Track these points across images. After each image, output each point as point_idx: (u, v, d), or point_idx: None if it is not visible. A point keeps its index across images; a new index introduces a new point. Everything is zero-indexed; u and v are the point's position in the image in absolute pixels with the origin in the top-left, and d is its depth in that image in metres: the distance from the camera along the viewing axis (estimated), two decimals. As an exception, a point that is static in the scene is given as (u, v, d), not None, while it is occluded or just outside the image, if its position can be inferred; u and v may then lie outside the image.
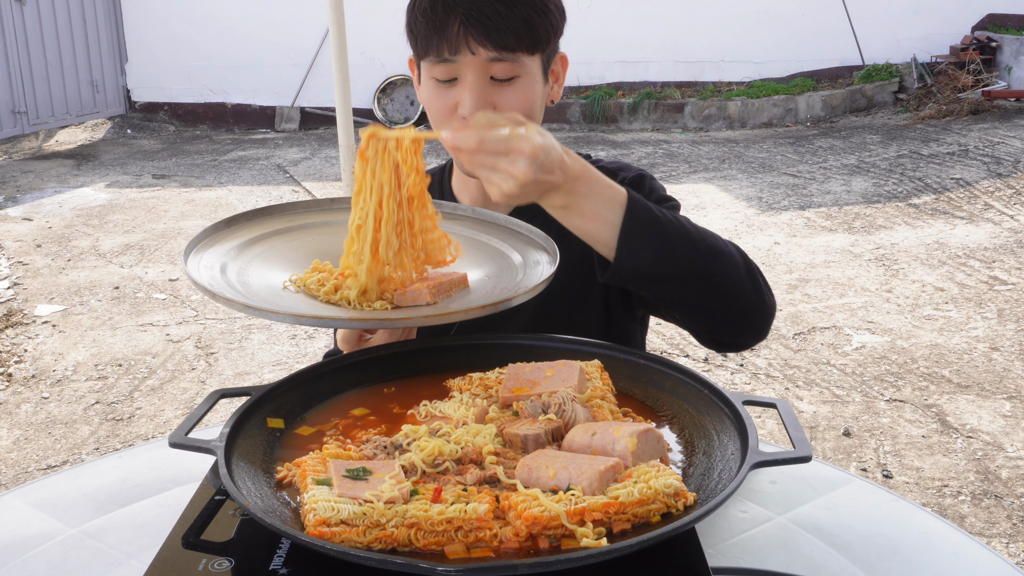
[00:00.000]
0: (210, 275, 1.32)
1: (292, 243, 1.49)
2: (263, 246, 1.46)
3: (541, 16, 1.53)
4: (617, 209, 1.34)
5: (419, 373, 1.44)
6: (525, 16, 1.50)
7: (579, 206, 1.32)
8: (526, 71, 1.55)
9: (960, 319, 5.11)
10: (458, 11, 1.49)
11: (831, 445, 3.88)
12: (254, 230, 1.50)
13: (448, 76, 1.54)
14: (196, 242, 1.40)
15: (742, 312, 1.45)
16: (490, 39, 1.49)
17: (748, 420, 1.17)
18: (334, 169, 9.09)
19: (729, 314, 1.45)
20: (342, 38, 5.22)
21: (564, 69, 1.68)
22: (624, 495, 1.03)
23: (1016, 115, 9.80)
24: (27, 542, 1.29)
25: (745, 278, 1.43)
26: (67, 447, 4.11)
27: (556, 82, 1.67)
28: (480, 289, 1.39)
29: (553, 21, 1.56)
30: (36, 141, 10.63)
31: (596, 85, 11.06)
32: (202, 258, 1.37)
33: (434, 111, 1.59)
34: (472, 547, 1.01)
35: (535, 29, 1.52)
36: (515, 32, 1.50)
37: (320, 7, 6.60)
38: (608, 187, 1.35)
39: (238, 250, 1.43)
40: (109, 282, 6.19)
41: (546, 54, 1.59)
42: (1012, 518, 3.36)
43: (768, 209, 7.33)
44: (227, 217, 1.49)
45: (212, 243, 1.43)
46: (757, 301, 1.45)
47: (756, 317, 1.47)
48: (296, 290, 1.36)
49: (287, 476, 1.15)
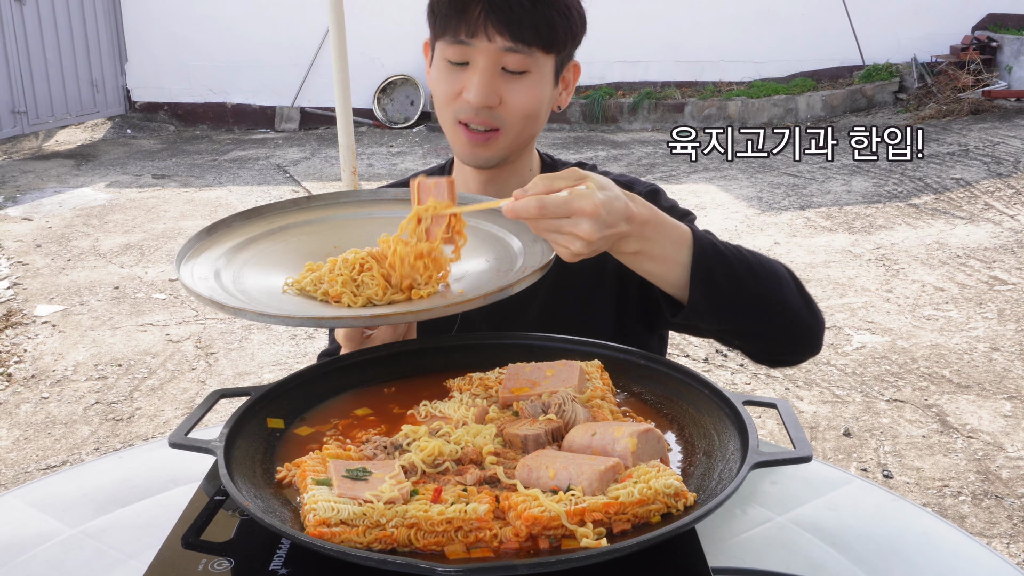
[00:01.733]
0: (207, 285, 1.30)
1: (278, 245, 1.47)
2: (250, 251, 1.44)
3: (563, 18, 1.54)
4: (685, 249, 1.35)
5: (419, 373, 1.44)
6: (547, 14, 1.52)
7: (650, 251, 1.33)
8: (538, 68, 1.55)
9: (960, 319, 5.10)
10: None
11: (831, 445, 3.88)
12: (237, 236, 1.47)
13: (461, 59, 1.54)
14: (184, 252, 1.38)
15: (799, 333, 1.50)
16: (508, 29, 1.50)
17: (748, 420, 1.17)
18: (334, 169, 9.09)
19: (788, 336, 1.49)
20: (342, 38, 5.22)
21: (575, 78, 1.69)
22: (624, 495, 1.03)
23: (1016, 115, 9.80)
24: (27, 542, 1.29)
25: (799, 300, 1.48)
26: (67, 447, 4.11)
27: (565, 89, 1.67)
28: (483, 278, 1.36)
29: (573, 26, 1.57)
30: (36, 141, 10.63)
31: (596, 85, 11.05)
32: (194, 268, 1.35)
33: (440, 93, 1.59)
34: (472, 547, 1.01)
35: (555, 29, 1.53)
36: (535, 27, 1.51)
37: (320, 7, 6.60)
38: (674, 227, 1.36)
39: (227, 257, 1.41)
40: (109, 282, 6.19)
41: (560, 57, 1.59)
42: (1013, 518, 3.36)
43: (768, 209, 7.33)
44: (208, 225, 1.46)
45: (199, 252, 1.40)
46: (811, 321, 1.50)
47: (811, 336, 1.52)
48: (296, 293, 1.34)
49: (287, 476, 1.15)
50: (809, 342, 1.52)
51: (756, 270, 1.41)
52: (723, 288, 1.37)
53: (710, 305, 1.37)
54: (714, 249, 1.38)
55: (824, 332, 1.55)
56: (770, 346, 1.52)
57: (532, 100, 1.56)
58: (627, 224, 1.27)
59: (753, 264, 1.42)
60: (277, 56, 11.19)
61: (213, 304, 1.23)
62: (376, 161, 9.45)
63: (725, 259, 1.38)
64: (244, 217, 1.51)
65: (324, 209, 1.57)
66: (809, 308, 1.50)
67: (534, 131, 1.63)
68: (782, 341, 1.50)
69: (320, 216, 1.55)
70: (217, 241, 1.44)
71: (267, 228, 1.50)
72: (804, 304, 1.49)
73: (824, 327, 1.54)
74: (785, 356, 1.57)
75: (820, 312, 1.53)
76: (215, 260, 1.39)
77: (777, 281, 1.44)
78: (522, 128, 1.59)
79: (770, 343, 1.50)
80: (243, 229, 1.49)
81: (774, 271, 1.45)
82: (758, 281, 1.41)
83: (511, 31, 1.50)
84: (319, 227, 1.53)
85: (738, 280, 1.38)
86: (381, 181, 8.66)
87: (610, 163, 9.01)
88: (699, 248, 1.36)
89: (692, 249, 1.35)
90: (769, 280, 1.42)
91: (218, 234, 1.46)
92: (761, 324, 1.44)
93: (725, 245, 1.41)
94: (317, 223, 1.54)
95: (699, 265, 1.35)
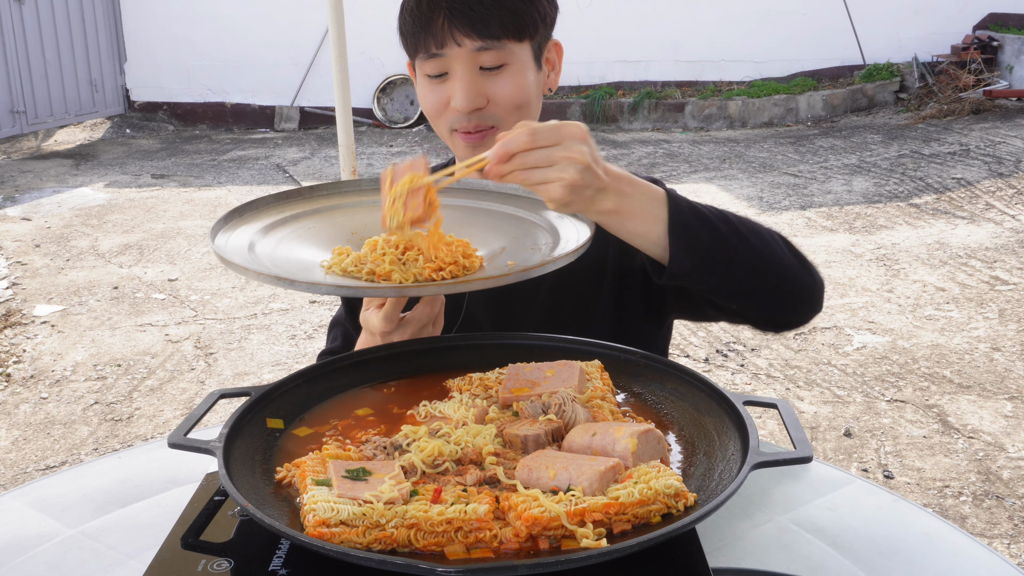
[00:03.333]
0: (243, 258, 1.32)
1: (310, 226, 1.49)
2: (283, 231, 1.47)
3: (526, 3, 1.55)
4: (660, 204, 1.35)
5: (419, 373, 1.44)
6: (509, 4, 1.53)
7: (628, 207, 1.32)
8: (515, 59, 1.56)
9: (961, 319, 5.10)
10: (442, 6, 1.52)
11: (832, 445, 3.88)
12: (267, 216, 1.50)
13: (438, 71, 1.56)
14: (220, 226, 1.41)
15: (796, 290, 1.47)
16: (474, 28, 1.52)
17: (749, 420, 1.16)
18: (334, 168, 9.09)
19: (785, 294, 1.46)
20: (342, 38, 5.22)
21: (560, 56, 1.69)
22: (624, 496, 1.03)
23: (1017, 114, 9.79)
24: (26, 543, 1.29)
25: (792, 259, 1.46)
26: (66, 447, 4.10)
27: (552, 70, 1.68)
28: (513, 255, 1.36)
29: (540, 8, 1.58)
30: (35, 141, 10.63)
31: (596, 85, 11.05)
32: (229, 239, 1.39)
33: (428, 107, 1.61)
34: (472, 548, 1.01)
35: (520, 17, 1.54)
36: (499, 20, 1.52)
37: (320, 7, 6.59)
38: (647, 185, 1.36)
39: (261, 233, 1.44)
40: (108, 282, 6.18)
41: (536, 41, 1.60)
42: (1013, 519, 3.35)
43: (769, 209, 7.33)
44: (233, 208, 1.49)
45: (234, 228, 1.44)
46: (807, 277, 1.48)
47: (809, 293, 1.49)
48: (340, 274, 1.33)
49: (287, 476, 1.15)
50: (808, 300, 1.50)
51: (737, 226, 1.40)
52: (704, 241, 1.35)
53: (693, 260, 1.35)
54: (690, 205, 1.37)
55: (823, 291, 1.52)
56: (768, 306, 1.49)
57: (518, 90, 1.57)
58: (606, 175, 1.29)
59: (733, 220, 1.40)
60: (276, 56, 11.19)
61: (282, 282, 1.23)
62: (376, 161, 9.45)
63: (702, 214, 1.37)
64: (262, 204, 1.52)
65: (328, 199, 1.59)
66: (804, 267, 1.48)
67: (532, 116, 1.63)
68: (778, 299, 1.47)
69: (328, 205, 1.57)
70: (248, 221, 1.47)
71: (279, 217, 1.51)
72: (798, 263, 1.47)
73: (823, 287, 1.51)
74: (786, 316, 1.53)
75: (818, 272, 1.51)
76: (251, 234, 1.42)
77: (764, 239, 1.42)
78: (517, 119, 1.59)
79: (766, 303, 1.47)
80: (259, 217, 1.50)
81: (759, 229, 1.43)
82: (741, 237, 1.39)
83: (477, 30, 1.52)
84: (330, 215, 1.54)
85: (719, 234, 1.37)
86: (381, 181, 8.66)
87: (610, 163, 9.00)
88: (674, 203, 1.35)
89: (668, 204, 1.35)
90: (755, 237, 1.41)
91: (242, 217, 1.48)
92: (752, 281, 1.42)
93: (703, 205, 1.40)
94: (328, 211, 1.55)
95: (676, 219, 1.34)
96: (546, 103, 11.86)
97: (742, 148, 9.43)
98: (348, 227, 1.49)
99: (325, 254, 1.39)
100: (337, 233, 1.47)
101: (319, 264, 1.36)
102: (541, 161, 1.23)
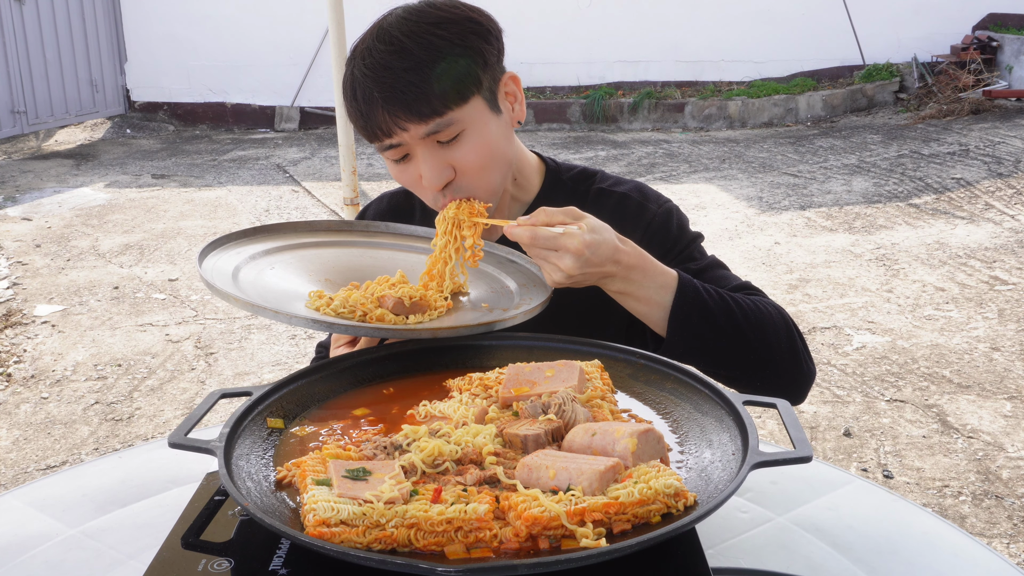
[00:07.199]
0: (224, 283, 1.43)
1: (295, 260, 1.62)
2: (268, 260, 1.59)
3: (460, 62, 1.48)
4: (668, 293, 1.47)
5: (419, 373, 1.44)
6: (441, 74, 1.46)
7: (634, 292, 1.47)
8: (469, 121, 1.51)
9: (961, 319, 5.10)
10: (376, 96, 1.47)
11: (831, 445, 3.88)
12: (256, 245, 1.62)
13: (399, 156, 1.55)
14: (209, 250, 1.52)
15: (781, 382, 1.55)
16: (414, 112, 1.46)
17: (748, 420, 1.17)
18: (334, 169, 9.09)
19: (767, 381, 1.54)
20: (342, 38, 5.23)
21: (519, 86, 1.62)
22: (624, 495, 1.03)
23: (1017, 115, 9.80)
24: (26, 542, 1.29)
25: (787, 353, 1.54)
26: (66, 447, 4.11)
27: (516, 102, 1.62)
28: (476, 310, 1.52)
29: (477, 59, 1.51)
30: (35, 141, 10.63)
31: (596, 85, 11.05)
32: (216, 263, 1.49)
33: (406, 186, 1.63)
34: (472, 547, 1.01)
35: (457, 81, 1.48)
36: (437, 95, 1.46)
37: (320, 7, 6.59)
38: (661, 273, 1.47)
39: (247, 261, 1.55)
40: (108, 282, 6.19)
41: (484, 90, 1.53)
42: (1013, 518, 3.36)
43: (768, 209, 7.33)
44: (215, 238, 1.58)
45: (223, 252, 1.56)
46: (796, 373, 1.56)
47: (795, 387, 1.57)
48: (333, 316, 1.45)
49: (287, 476, 1.15)
50: (790, 390, 1.56)
51: (739, 322, 1.49)
52: (701, 334, 1.48)
53: (687, 347, 1.48)
54: (696, 297, 1.48)
55: (812, 383, 1.60)
56: (748, 388, 1.53)
57: (481, 152, 1.53)
58: (613, 266, 1.42)
59: (737, 315, 1.49)
60: (277, 56, 11.19)
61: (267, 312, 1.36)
62: (376, 161, 9.45)
63: (706, 307, 1.48)
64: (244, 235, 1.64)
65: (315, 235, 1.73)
66: (796, 360, 1.55)
67: (506, 162, 1.60)
68: (760, 384, 1.54)
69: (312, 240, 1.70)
70: (237, 247, 1.60)
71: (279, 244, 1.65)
72: (791, 357, 1.54)
73: (812, 378, 1.59)
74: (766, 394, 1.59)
75: (811, 364, 1.58)
76: (238, 261, 1.54)
77: (763, 333, 1.51)
78: (489, 174, 1.57)
79: (747, 385, 1.54)
80: (258, 241, 1.64)
81: (763, 323, 1.51)
82: (739, 332, 1.49)
83: (417, 113, 1.46)
84: (313, 253, 1.67)
85: (717, 328, 1.48)
86: (381, 181, 8.67)
87: (610, 163, 9.01)
88: (681, 294, 1.47)
89: (675, 294, 1.47)
90: (754, 331, 1.50)
91: (226, 246, 1.60)
92: (739, 369, 1.52)
93: (712, 293, 1.50)
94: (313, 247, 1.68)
95: (678, 310, 1.47)
96: (546, 103, 11.81)
97: (742, 148, 9.43)
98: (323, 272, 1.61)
99: (307, 287, 1.52)
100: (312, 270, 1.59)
101: (306, 295, 1.49)
102: (539, 256, 1.41)
